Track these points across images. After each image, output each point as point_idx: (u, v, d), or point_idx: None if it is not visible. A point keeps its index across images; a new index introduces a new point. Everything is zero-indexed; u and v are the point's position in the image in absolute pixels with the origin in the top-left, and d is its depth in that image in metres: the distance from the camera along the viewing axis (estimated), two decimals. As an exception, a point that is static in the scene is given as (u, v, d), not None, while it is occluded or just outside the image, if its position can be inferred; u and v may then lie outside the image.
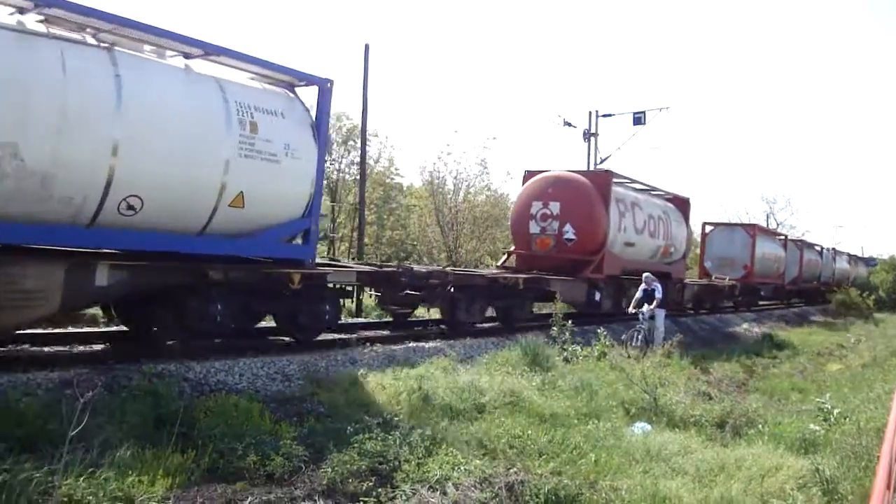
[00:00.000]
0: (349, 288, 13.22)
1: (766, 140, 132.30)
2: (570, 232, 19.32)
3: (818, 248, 48.15)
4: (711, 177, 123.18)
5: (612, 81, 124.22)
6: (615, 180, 20.86)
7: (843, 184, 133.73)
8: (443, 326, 15.63)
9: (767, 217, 68.82)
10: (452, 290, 14.92)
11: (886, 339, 24.95)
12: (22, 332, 9.37)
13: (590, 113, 33.28)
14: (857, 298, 42.25)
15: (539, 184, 20.34)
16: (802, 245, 42.89)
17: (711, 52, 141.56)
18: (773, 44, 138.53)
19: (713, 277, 30.88)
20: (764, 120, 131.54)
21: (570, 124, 32.91)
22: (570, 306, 19.19)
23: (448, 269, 17.04)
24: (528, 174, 21.06)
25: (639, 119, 31.77)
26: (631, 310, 17.23)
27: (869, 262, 67.59)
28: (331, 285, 12.30)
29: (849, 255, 59.23)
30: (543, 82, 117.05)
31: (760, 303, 36.89)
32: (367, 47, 24.44)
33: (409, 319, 17.11)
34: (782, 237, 40.78)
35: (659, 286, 17.04)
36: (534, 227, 20.05)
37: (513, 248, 21.29)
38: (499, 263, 21.70)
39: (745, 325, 27.80)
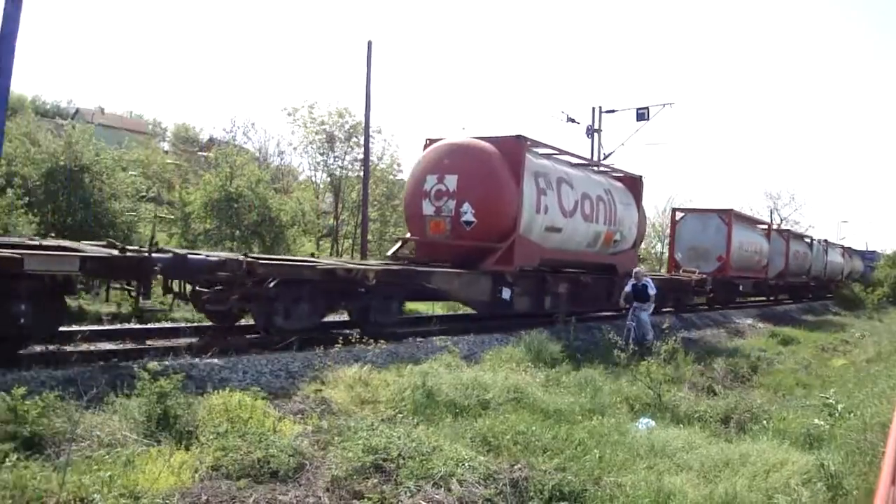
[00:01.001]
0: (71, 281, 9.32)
1: (770, 135, 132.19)
2: (468, 213, 15.40)
3: (808, 240, 44.68)
4: (715, 173, 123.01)
5: (615, 77, 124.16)
6: (534, 149, 17.00)
7: (847, 179, 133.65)
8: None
9: (771, 212, 68.62)
10: (272, 285, 11.32)
11: (891, 334, 24.88)
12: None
13: (593, 109, 33.42)
14: (861, 293, 42.06)
15: (435, 153, 16.30)
16: (789, 235, 39.32)
17: (715, 48, 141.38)
18: (777, 39, 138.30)
19: (681, 271, 27.31)
20: (768, 115, 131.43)
21: (573, 120, 33.01)
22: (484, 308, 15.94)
23: (252, 256, 11.76)
24: (429, 142, 16.95)
25: (642, 115, 31.86)
26: (622, 303, 17.07)
27: (866, 255, 65.29)
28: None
29: (843, 247, 56.31)
30: (547, 78, 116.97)
31: (739, 300, 33.58)
32: (369, 44, 24.51)
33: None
34: (765, 226, 36.82)
35: (650, 281, 16.59)
36: (427, 208, 16.08)
37: (409, 234, 17.29)
38: (389, 253, 17.67)
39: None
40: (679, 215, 31.57)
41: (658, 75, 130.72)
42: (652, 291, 16.26)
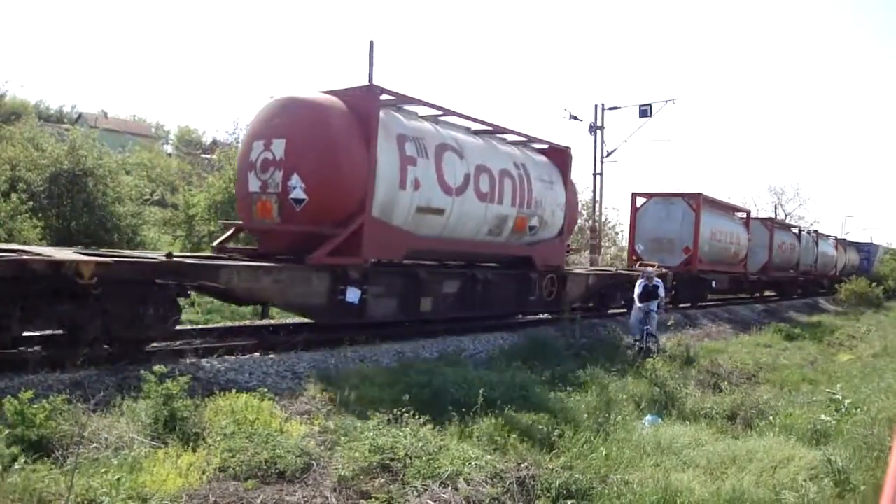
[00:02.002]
0: None
1: (774, 131, 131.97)
2: (297, 188, 11.57)
3: (795, 230, 40.51)
4: (719, 168, 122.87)
5: (618, 74, 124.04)
6: (404, 106, 13.33)
7: (851, 174, 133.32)
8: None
9: (776, 208, 68.19)
10: None
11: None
12: (31, 334, 9.40)
13: (596, 106, 33.30)
14: (867, 288, 41.77)
15: (265, 112, 12.54)
16: (773, 225, 35.04)
17: (718, 44, 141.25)
18: (780, 35, 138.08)
19: (637, 265, 23.31)
20: (771, 110, 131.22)
21: (575, 118, 32.92)
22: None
23: None
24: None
25: (645, 112, 31.77)
26: (636, 305, 15.47)
27: (862, 247, 59.75)
28: None
29: (836, 238, 51.43)
30: (549, 76, 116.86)
31: (716, 298, 30.04)
32: (371, 44, 24.37)
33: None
34: (743, 214, 32.16)
35: (661, 282, 15.76)
36: (253, 183, 12.29)
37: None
38: (215, 244, 13.53)
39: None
40: (640, 201, 26.98)
41: (661, 72, 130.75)
42: (662, 293, 15.61)
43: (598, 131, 32.81)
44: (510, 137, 16.35)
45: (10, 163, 19.62)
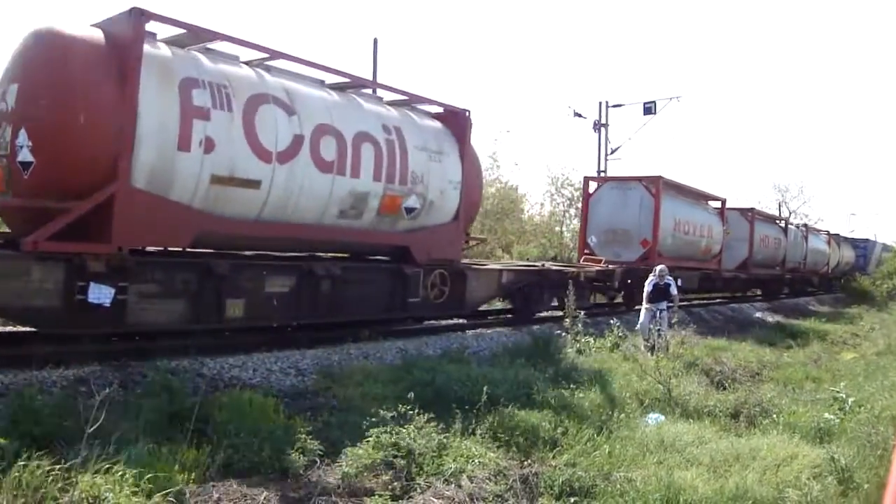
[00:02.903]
0: None
1: (778, 128, 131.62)
2: (25, 147, 8.68)
3: (781, 223, 36.92)
4: (723, 166, 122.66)
5: (622, 71, 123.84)
6: (211, 46, 10.34)
7: (856, 171, 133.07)
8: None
9: (780, 205, 67.99)
10: None
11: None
12: (34, 330, 9.42)
13: (600, 103, 33.39)
14: (870, 286, 41.60)
15: (11, 55, 9.52)
16: (754, 216, 30.94)
17: (722, 41, 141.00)
18: (784, 31, 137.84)
19: (581, 259, 21.90)
20: (775, 108, 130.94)
21: (580, 115, 33.04)
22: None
23: None
24: None
25: (649, 109, 31.84)
26: (645, 305, 15.00)
27: (858, 243, 55.87)
28: None
29: (829, 233, 47.15)
30: (553, 73, 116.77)
31: (687, 298, 25.31)
32: (375, 41, 24.61)
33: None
34: (717, 202, 27.86)
35: (673, 281, 15.21)
36: None
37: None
38: None
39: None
40: (593, 186, 23.63)
41: (665, 69, 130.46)
42: (674, 291, 15.10)
43: (603, 129, 32.85)
44: (389, 96, 13.33)
45: None
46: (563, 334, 13.59)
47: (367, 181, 11.84)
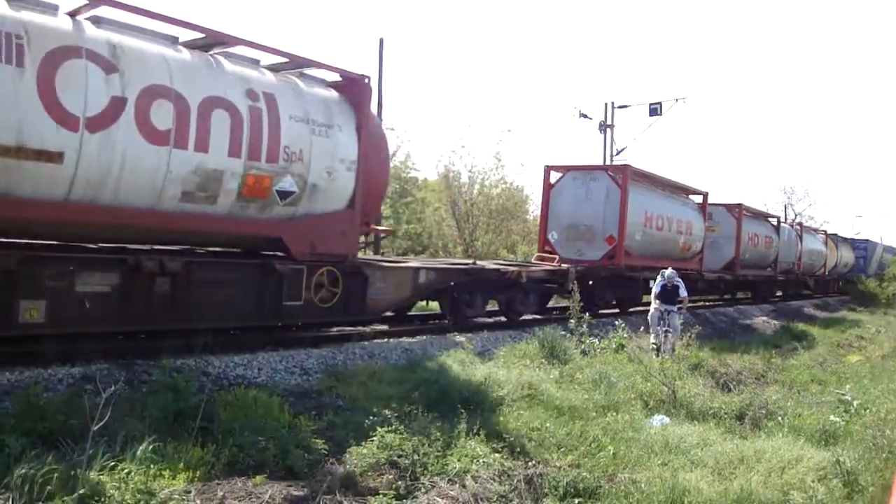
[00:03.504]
0: None
1: (784, 130, 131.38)
2: None
3: (773, 221, 33.95)
4: (729, 168, 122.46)
5: (627, 72, 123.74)
6: None
7: (862, 173, 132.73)
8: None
9: (785, 207, 67.86)
10: None
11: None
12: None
13: (605, 104, 33.41)
14: (877, 289, 41.40)
15: None
16: (742, 212, 28.48)
17: (728, 42, 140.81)
18: (791, 33, 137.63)
19: (534, 258, 20.02)
20: (781, 110, 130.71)
21: (585, 116, 33.04)
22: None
23: None
24: None
25: (655, 110, 31.82)
26: (653, 306, 14.95)
27: (857, 244, 53.27)
28: None
29: (826, 233, 45.17)
30: (559, 74, 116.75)
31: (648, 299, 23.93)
32: (381, 41, 24.59)
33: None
34: (699, 196, 25.54)
35: (682, 282, 15.06)
36: None
37: None
38: None
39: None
40: (555, 176, 20.98)
41: (671, 71, 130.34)
42: (683, 294, 14.91)
43: (608, 130, 32.84)
44: (267, 59, 10.97)
45: None
46: (568, 335, 13.57)
47: (221, 157, 9.59)
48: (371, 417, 7.28)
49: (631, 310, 20.79)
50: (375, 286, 12.27)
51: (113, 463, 5.41)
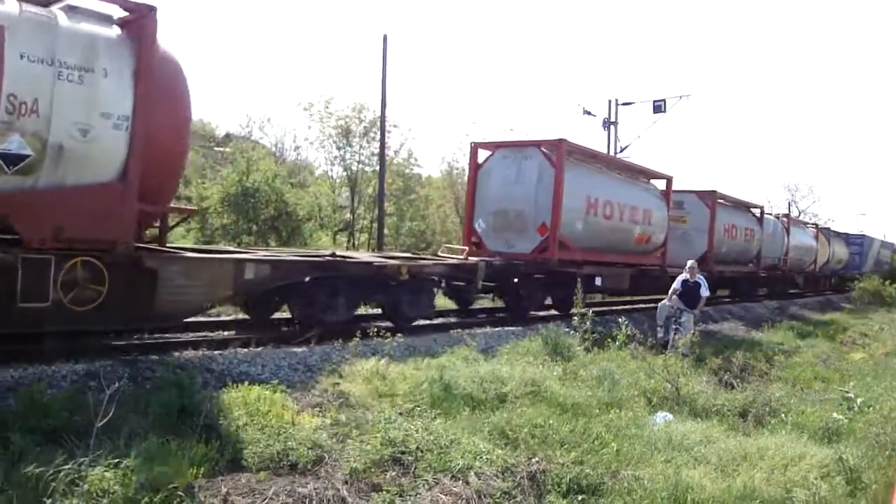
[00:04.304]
0: None
1: (788, 127, 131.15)
2: None
3: (756, 211, 30.35)
4: (733, 165, 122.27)
5: (632, 70, 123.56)
6: None
7: (867, 171, 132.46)
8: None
9: (789, 205, 67.66)
10: None
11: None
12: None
13: (609, 101, 33.35)
14: (880, 286, 41.17)
15: None
16: (716, 201, 25.01)
17: (732, 40, 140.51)
18: (796, 30, 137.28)
19: (439, 251, 17.87)
20: (786, 107, 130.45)
21: (589, 113, 32.98)
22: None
23: None
24: None
25: (659, 107, 31.76)
26: (667, 303, 14.55)
27: (852, 239, 49.92)
28: None
29: (818, 227, 41.67)
30: (563, 71, 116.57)
31: (607, 301, 23.52)
32: (385, 38, 24.54)
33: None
34: (661, 180, 22.21)
35: (704, 280, 14.46)
36: None
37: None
38: None
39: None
40: (484, 155, 17.64)
41: (675, 67, 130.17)
42: (705, 293, 14.29)
43: (612, 127, 32.80)
44: None
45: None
46: (572, 332, 13.56)
47: None
48: (375, 414, 7.29)
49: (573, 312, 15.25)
50: (171, 284, 9.30)
51: (117, 459, 5.42)
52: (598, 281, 17.85)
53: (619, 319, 14.85)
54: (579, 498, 6.31)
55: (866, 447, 7.50)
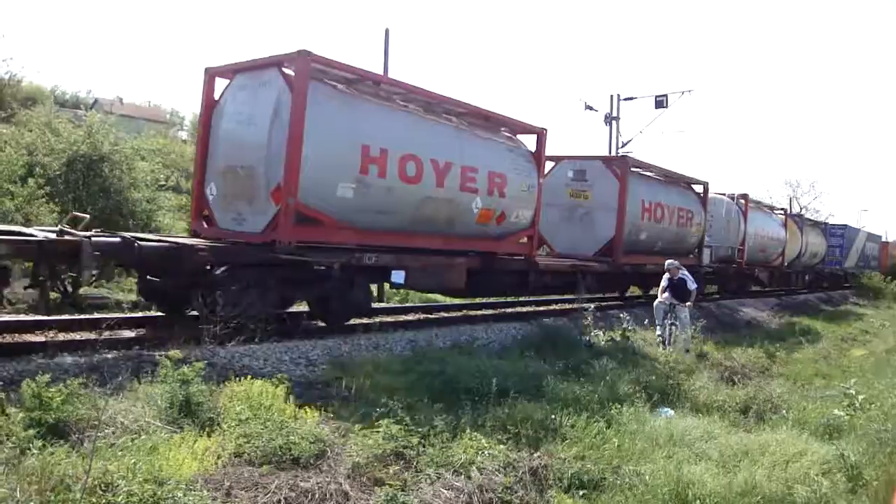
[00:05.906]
0: None
1: (790, 123, 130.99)
2: None
3: (698, 189, 23.42)
4: (735, 161, 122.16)
5: (634, 65, 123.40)
6: None
7: (869, 167, 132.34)
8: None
9: (791, 200, 67.37)
10: None
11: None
12: (49, 318, 9.48)
13: (611, 96, 33.23)
14: (881, 283, 41.10)
15: None
16: (627, 170, 19.00)
17: (734, 35, 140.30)
18: (798, 26, 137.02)
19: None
20: (788, 102, 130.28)
21: (591, 108, 32.86)
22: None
23: None
24: None
25: (661, 102, 31.65)
26: (660, 300, 14.34)
27: (834, 230, 42.46)
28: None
29: (788, 213, 35.63)
30: (565, 67, 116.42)
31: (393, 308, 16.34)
32: (387, 32, 24.43)
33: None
34: (531, 135, 15.75)
35: (689, 275, 14.41)
36: None
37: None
38: None
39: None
40: (221, 84, 11.94)
41: (677, 62, 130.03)
42: (693, 286, 14.14)
43: (614, 122, 32.72)
44: None
45: (27, 148, 19.70)
46: (573, 328, 13.59)
47: None
48: (377, 409, 7.30)
49: (354, 322, 12.27)
50: None
51: (120, 453, 5.44)
52: (396, 277, 12.26)
53: (621, 314, 14.79)
54: (581, 493, 6.34)
55: (867, 444, 7.51)
